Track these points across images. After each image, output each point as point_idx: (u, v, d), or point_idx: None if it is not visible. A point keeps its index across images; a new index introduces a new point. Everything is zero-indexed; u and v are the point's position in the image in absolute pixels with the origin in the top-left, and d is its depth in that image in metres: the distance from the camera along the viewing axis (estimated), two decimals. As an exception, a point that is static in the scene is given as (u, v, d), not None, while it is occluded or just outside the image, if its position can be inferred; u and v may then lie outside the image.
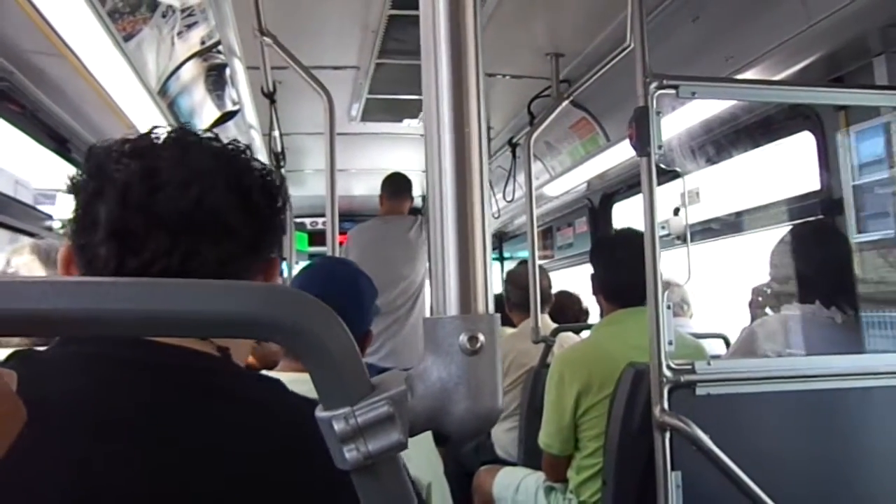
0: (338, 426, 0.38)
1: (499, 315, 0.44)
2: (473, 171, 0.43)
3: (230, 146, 0.84)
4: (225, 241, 0.78)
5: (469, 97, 0.44)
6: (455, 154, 0.43)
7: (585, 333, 2.94)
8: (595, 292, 2.33)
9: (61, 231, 2.42)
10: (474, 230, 0.43)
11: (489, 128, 3.78)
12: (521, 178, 3.81)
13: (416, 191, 5.22)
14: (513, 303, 3.41)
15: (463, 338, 0.41)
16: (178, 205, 0.76)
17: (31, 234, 2.27)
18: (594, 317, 3.42)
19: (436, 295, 0.43)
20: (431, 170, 0.44)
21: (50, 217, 2.43)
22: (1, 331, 0.31)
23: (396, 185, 3.92)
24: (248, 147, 0.85)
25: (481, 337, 0.41)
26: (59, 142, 2.45)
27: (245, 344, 0.93)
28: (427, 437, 1.53)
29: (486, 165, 0.44)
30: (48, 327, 0.35)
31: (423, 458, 1.40)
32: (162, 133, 0.81)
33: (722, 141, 2.69)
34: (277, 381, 0.79)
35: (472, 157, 0.43)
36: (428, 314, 0.45)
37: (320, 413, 0.39)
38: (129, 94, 2.26)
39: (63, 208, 2.39)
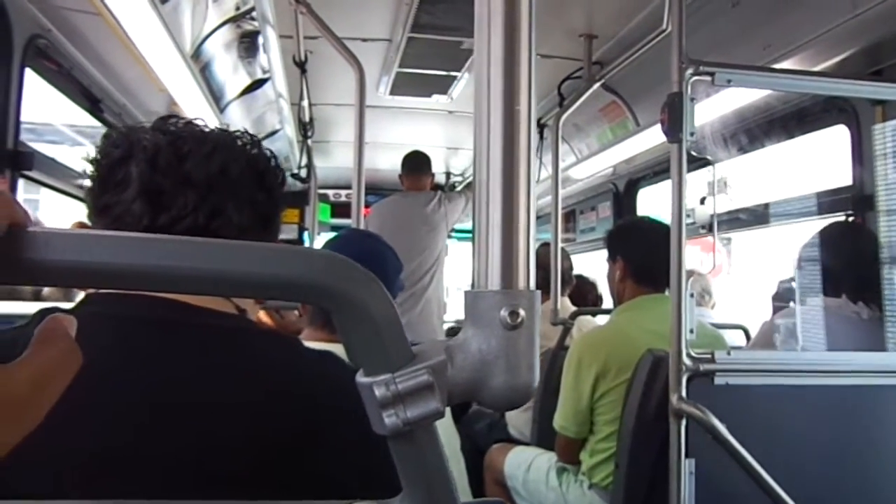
0: (378, 392, 0.39)
1: (539, 292, 0.44)
2: (521, 148, 0.44)
3: (244, 134, 0.89)
4: (246, 209, 0.83)
5: (520, 74, 0.44)
6: (504, 130, 0.44)
7: (604, 317, 2.93)
8: (621, 278, 2.30)
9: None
10: (519, 206, 0.44)
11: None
12: (547, 158, 3.78)
13: (442, 167, 5.22)
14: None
15: (504, 312, 0.42)
16: (205, 170, 0.80)
17: (64, 193, 2.30)
18: (607, 303, 3.42)
19: (478, 269, 0.44)
20: (479, 145, 0.45)
21: (81, 175, 2.45)
22: (66, 281, 0.33)
23: (413, 162, 4.00)
24: (258, 139, 0.90)
25: (522, 312, 0.42)
26: (92, 101, 2.47)
27: (254, 306, 0.96)
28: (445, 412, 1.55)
29: (533, 143, 0.45)
30: (110, 280, 0.36)
31: (441, 434, 1.43)
32: (180, 123, 0.87)
33: (754, 130, 2.66)
34: (297, 340, 0.84)
35: (521, 134, 0.44)
36: (445, 290, 0.46)
37: (361, 378, 0.40)
38: (163, 56, 2.27)
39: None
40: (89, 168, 0.83)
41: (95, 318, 0.74)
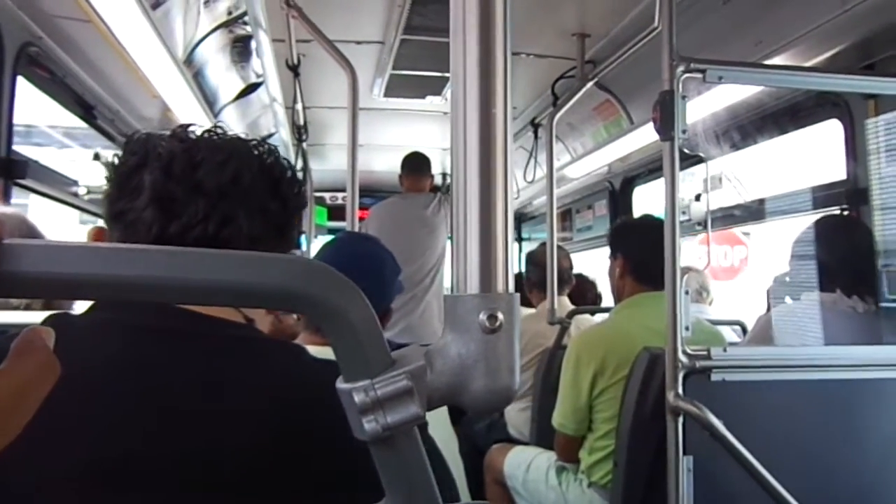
0: (358, 398, 0.39)
1: (518, 295, 0.44)
2: (497, 151, 0.44)
3: (261, 143, 0.89)
4: (258, 218, 0.83)
5: (496, 77, 0.44)
6: (480, 134, 0.44)
7: (601, 316, 2.93)
8: (621, 275, 2.30)
9: (86, 197, 2.45)
10: (496, 210, 0.44)
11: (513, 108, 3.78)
12: (542, 158, 3.79)
13: (438, 168, 5.23)
14: (533, 282, 3.43)
15: (482, 316, 0.42)
16: (217, 178, 0.80)
17: (58, 200, 2.30)
18: (607, 301, 3.42)
19: (457, 273, 0.44)
20: (456, 148, 0.44)
21: (76, 183, 2.45)
22: (38, 293, 0.33)
23: (413, 163, 3.99)
24: (276, 148, 0.90)
25: (500, 316, 0.42)
26: (85, 108, 2.47)
27: (265, 316, 0.96)
28: (443, 415, 1.55)
29: (510, 146, 0.44)
30: (82, 291, 0.36)
31: (438, 437, 1.42)
32: (197, 130, 0.86)
33: (747, 127, 2.66)
34: (302, 349, 0.83)
35: (497, 137, 0.44)
36: (446, 292, 0.46)
37: (341, 385, 0.40)
38: (155, 62, 2.27)
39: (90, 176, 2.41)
40: (107, 174, 0.83)
41: (105, 324, 0.75)
